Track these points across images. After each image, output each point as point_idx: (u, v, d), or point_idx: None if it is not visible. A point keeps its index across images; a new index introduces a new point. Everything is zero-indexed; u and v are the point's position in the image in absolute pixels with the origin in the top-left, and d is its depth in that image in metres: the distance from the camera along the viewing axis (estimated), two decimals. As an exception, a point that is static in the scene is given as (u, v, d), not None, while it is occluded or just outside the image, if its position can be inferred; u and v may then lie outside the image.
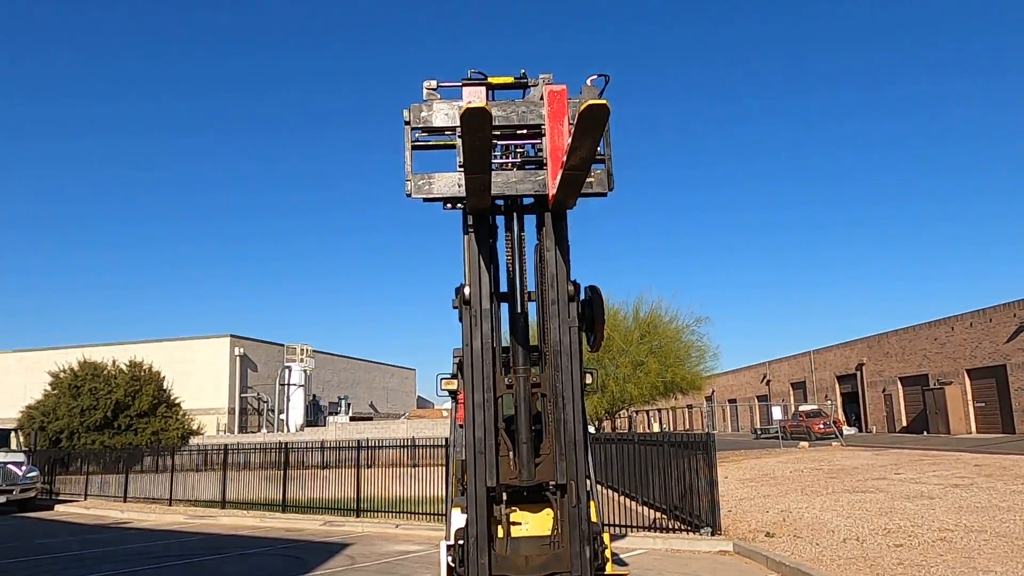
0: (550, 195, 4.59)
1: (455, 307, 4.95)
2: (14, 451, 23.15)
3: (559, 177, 4.18)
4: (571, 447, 4.55)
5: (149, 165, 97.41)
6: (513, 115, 4.85)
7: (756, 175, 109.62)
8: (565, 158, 3.90)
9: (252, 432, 37.86)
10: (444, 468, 14.44)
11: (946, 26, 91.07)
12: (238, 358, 39.85)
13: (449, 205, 5.01)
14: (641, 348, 28.16)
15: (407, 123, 4.94)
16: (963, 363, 35.04)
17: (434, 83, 5.10)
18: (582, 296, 5.00)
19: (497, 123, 4.71)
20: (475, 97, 4.77)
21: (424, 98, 5.04)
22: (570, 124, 4.42)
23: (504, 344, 5.22)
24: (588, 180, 4.73)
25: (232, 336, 40.24)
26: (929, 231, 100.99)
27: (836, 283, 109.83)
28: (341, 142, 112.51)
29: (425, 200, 4.91)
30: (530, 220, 5.09)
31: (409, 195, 4.87)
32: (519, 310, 5.18)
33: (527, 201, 5.07)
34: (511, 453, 4.74)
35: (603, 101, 3.17)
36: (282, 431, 37.04)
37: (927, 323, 38.28)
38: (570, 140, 3.64)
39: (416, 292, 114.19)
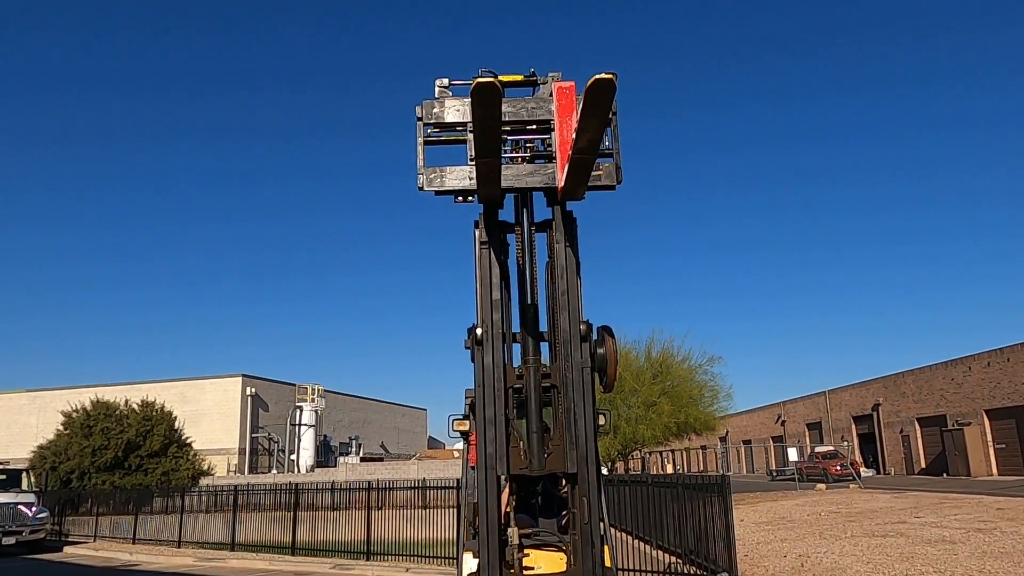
0: (559, 187, 4.66)
1: (467, 347, 4.95)
2: (25, 491, 23.08)
3: (568, 162, 4.26)
4: (581, 437, 4.57)
5: (160, 206, 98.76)
6: (523, 111, 4.98)
7: (769, 211, 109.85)
8: (573, 139, 3.97)
9: (262, 472, 37.64)
10: (455, 510, 14.27)
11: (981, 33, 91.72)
12: (249, 398, 39.82)
13: (460, 198, 5.10)
14: (653, 388, 27.92)
15: (419, 119, 5.06)
16: (981, 403, 34.50)
17: (446, 81, 5.23)
18: (594, 336, 4.99)
19: (507, 119, 4.80)
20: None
21: (436, 95, 5.15)
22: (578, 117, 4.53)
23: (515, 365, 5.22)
24: (596, 173, 4.83)
25: (244, 376, 40.28)
26: (943, 269, 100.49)
27: (850, 322, 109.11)
28: (353, 176, 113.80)
29: (437, 193, 5.00)
30: (541, 238, 5.17)
31: (421, 188, 4.96)
32: (529, 301, 5.21)
33: (539, 217, 5.15)
34: (521, 443, 4.75)
35: (610, 75, 3.21)
36: (292, 472, 36.82)
37: (943, 363, 37.83)
38: (578, 120, 3.71)
39: (428, 331, 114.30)
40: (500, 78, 5.18)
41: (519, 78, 5.39)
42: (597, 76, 3.20)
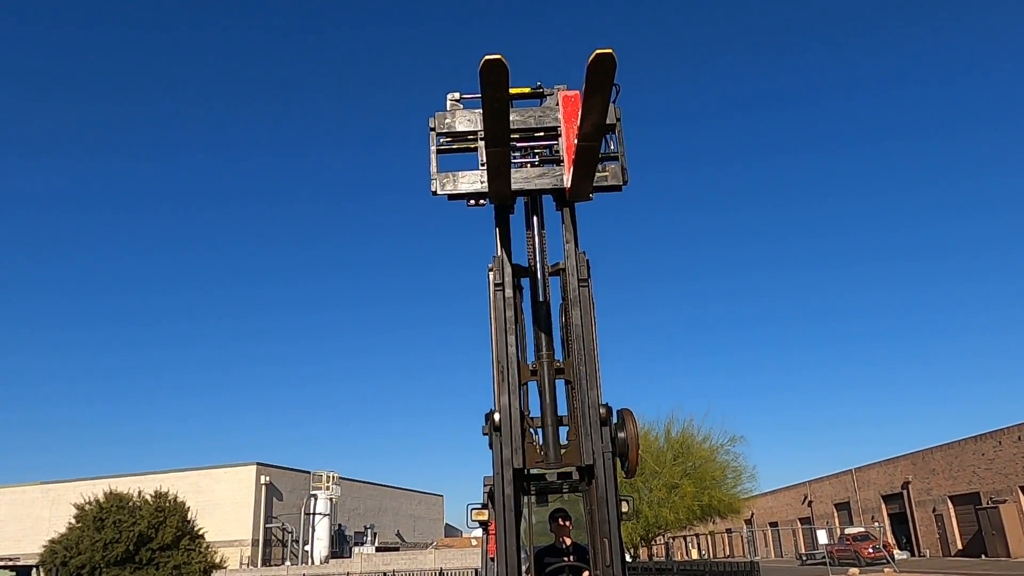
0: (567, 187, 4.96)
1: (484, 433, 4.89)
2: (34, 589, 22.58)
3: (574, 153, 4.51)
4: (596, 428, 4.62)
5: (168, 291, 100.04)
6: (531, 119, 5.29)
7: (786, 287, 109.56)
8: (578, 126, 4.20)
9: (276, 565, 36.68)
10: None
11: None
12: (263, 487, 39.22)
13: (473, 202, 5.34)
14: (675, 470, 27.33)
15: (432, 129, 5.35)
16: (1016, 479, 33.37)
17: (457, 95, 5.54)
18: (614, 419, 4.91)
19: (516, 126, 5.09)
20: None
21: (448, 108, 5.48)
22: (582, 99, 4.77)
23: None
24: (603, 174, 5.11)
25: (258, 464, 39.80)
26: (967, 341, 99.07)
27: (873, 397, 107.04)
28: (361, 268, 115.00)
29: (450, 198, 5.24)
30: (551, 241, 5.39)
31: (435, 193, 5.20)
32: (541, 299, 5.34)
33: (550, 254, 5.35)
34: (537, 437, 4.85)
35: (608, 50, 3.36)
36: (307, 563, 35.88)
37: (972, 437, 36.85)
38: (581, 101, 3.93)
39: (444, 414, 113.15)
40: (509, 90, 5.54)
41: (527, 90, 5.70)
42: (598, 51, 3.39)
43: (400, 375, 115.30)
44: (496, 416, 4.69)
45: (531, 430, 4.88)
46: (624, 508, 5.43)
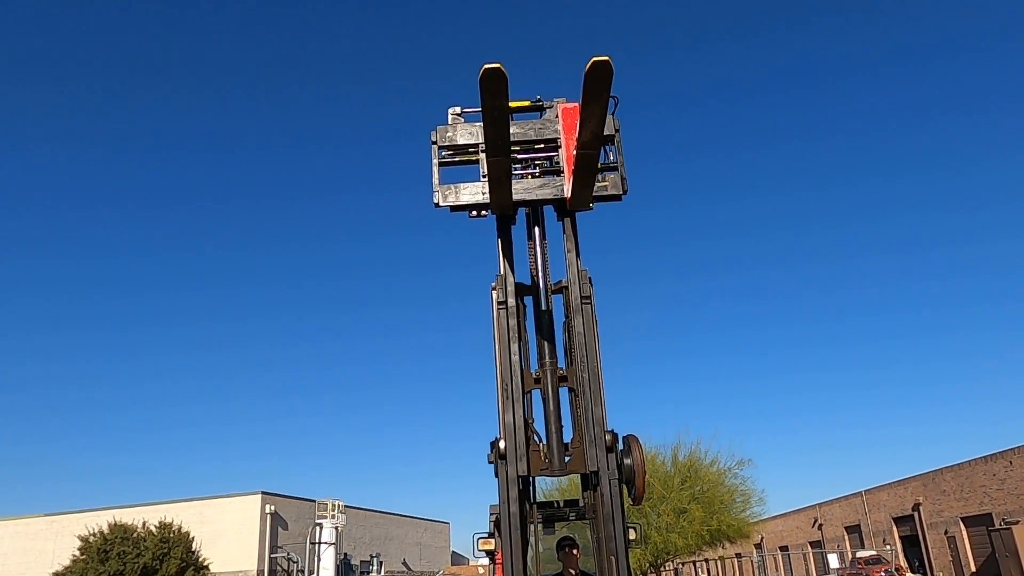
0: (568, 197, 5.07)
1: (490, 462, 4.88)
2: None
3: (574, 161, 4.62)
4: (600, 437, 4.62)
5: (175, 323, 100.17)
6: (531, 131, 5.41)
7: (792, 307, 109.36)
8: (577, 135, 4.32)
9: (281, 596, 36.34)
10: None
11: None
12: (269, 516, 38.95)
13: (475, 213, 5.43)
14: (683, 494, 27.10)
15: (434, 143, 5.47)
16: (1028, 500, 33.03)
17: (458, 109, 5.67)
18: (620, 446, 4.89)
19: (516, 139, 5.23)
20: None
21: (449, 122, 5.61)
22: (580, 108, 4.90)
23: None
24: (602, 184, 5.22)
25: (264, 493, 39.56)
26: (975, 359, 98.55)
27: (881, 417, 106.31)
28: (373, 281, 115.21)
29: (452, 209, 5.34)
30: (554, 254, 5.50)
31: (437, 204, 5.29)
32: (543, 307, 5.38)
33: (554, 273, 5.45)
34: (541, 445, 4.84)
35: (605, 57, 3.44)
36: (312, 593, 35.51)
37: (983, 457, 36.52)
38: (580, 109, 4.03)
39: (450, 440, 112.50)
40: (509, 104, 5.66)
41: (527, 104, 5.82)
42: (595, 58, 3.48)
43: (405, 401, 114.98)
44: (502, 444, 4.68)
45: (535, 438, 4.91)
46: (632, 536, 5.40)
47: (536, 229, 5.49)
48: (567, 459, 4.81)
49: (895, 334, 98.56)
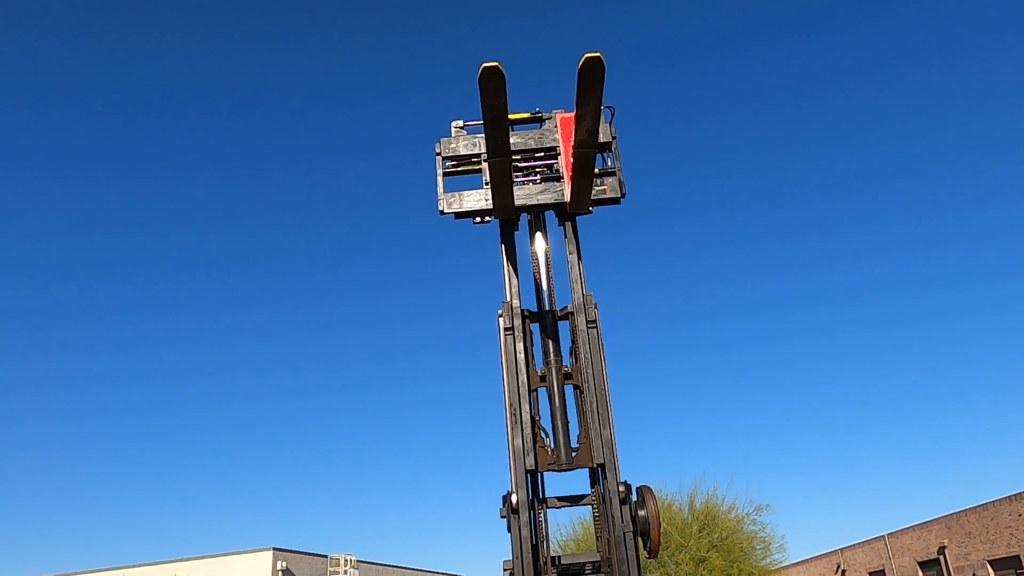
0: (568, 200, 5.33)
1: (502, 516, 4.82)
2: None
3: (572, 161, 4.83)
4: (606, 430, 4.72)
5: (182, 381, 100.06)
6: (531, 140, 5.69)
7: (807, 351, 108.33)
8: (573, 134, 4.54)
9: (293, 655, 35.54)
10: None
11: None
12: (280, 573, 38.35)
13: (478, 219, 5.65)
14: (701, 543, 26.54)
15: (438, 154, 5.74)
16: (1056, 541, 32.18)
17: (460, 122, 5.94)
18: (634, 497, 4.81)
19: (516, 147, 5.49)
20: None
21: (452, 134, 5.87)
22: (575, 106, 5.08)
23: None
24: (601, 188, 5.46)
25: (275, 549, 39.00)
26: (996, 397, 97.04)
27: (902, 458, 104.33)
28: (382, 333, 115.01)
29: (456, 216, 5.56)
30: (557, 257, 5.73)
31: (442, 212, 5.50)
32: (547, 308, 5.54)
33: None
34: (548, 440, 4.97)
35: (597, 53, 3.59)
36: (325, 654, 34.70)
37: (1007, 497, 35.73)
38: (575, 107, 4.21)
39: (463, 490, 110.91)
40: (510, 116, 5.86)
41: (526, 116, 6.07)
42: (587, 55, 3.66)
43: (418, 453, 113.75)
44: (514, 498, 4.63)
45: (542, 434, 5.05)
46: (648, 588, 5.30)
47: (538, 234, 5.70)
48: (573, 455, 4.99)
49: (915, 374, 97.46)
